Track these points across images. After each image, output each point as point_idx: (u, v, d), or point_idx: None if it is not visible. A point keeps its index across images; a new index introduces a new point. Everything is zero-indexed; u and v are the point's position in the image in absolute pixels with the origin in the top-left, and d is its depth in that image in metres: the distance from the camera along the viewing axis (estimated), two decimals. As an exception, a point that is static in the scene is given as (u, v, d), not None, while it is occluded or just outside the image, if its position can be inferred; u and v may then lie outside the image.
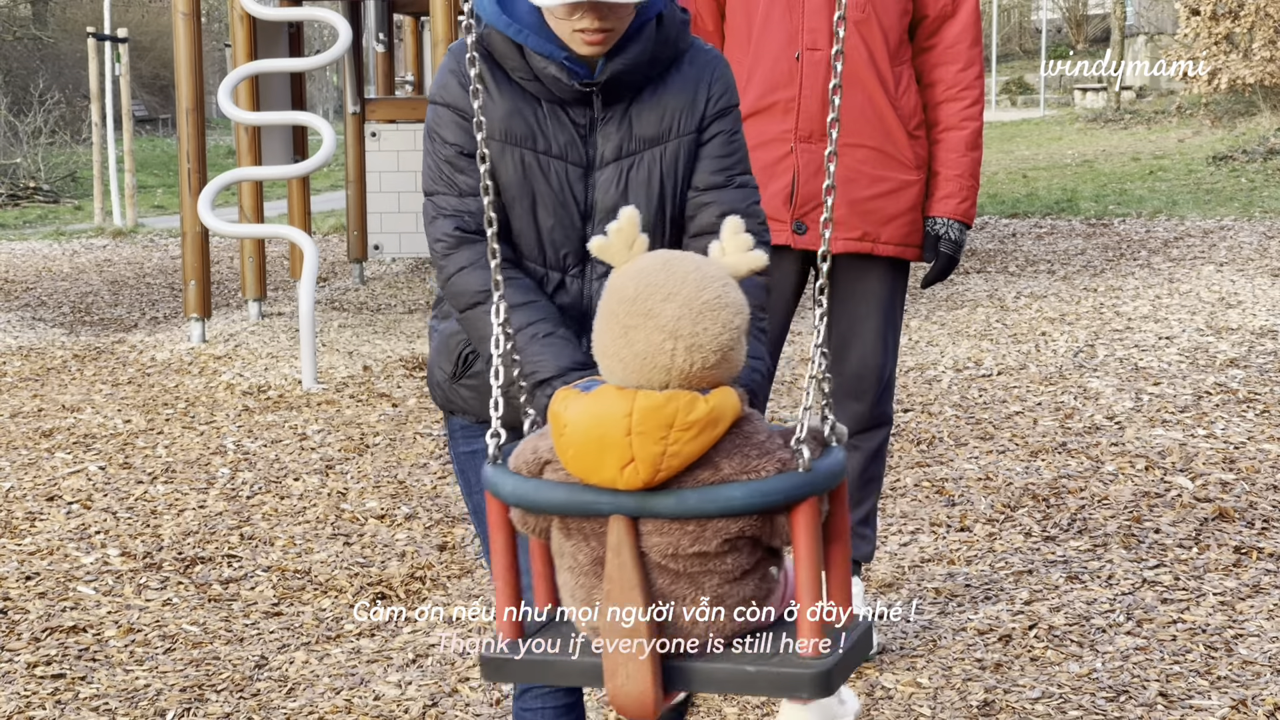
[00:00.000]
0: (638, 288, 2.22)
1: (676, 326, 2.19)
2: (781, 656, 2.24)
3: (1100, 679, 4.00)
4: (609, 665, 2.23)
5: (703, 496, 2.18)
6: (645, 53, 2.78)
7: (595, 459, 2.18)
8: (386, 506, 5.74)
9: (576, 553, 2.29)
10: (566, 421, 2.20)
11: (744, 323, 2.23)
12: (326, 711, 3.98)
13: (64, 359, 8.91)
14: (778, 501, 2.18)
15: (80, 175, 22.07)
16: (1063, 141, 24.13)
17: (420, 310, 10.56)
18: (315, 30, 27.55)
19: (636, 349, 2.20)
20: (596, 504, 2.21)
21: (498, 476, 2.31)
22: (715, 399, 2.19)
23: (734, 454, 2.19)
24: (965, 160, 4.11)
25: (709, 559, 2.22)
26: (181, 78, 9.31)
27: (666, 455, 2.16)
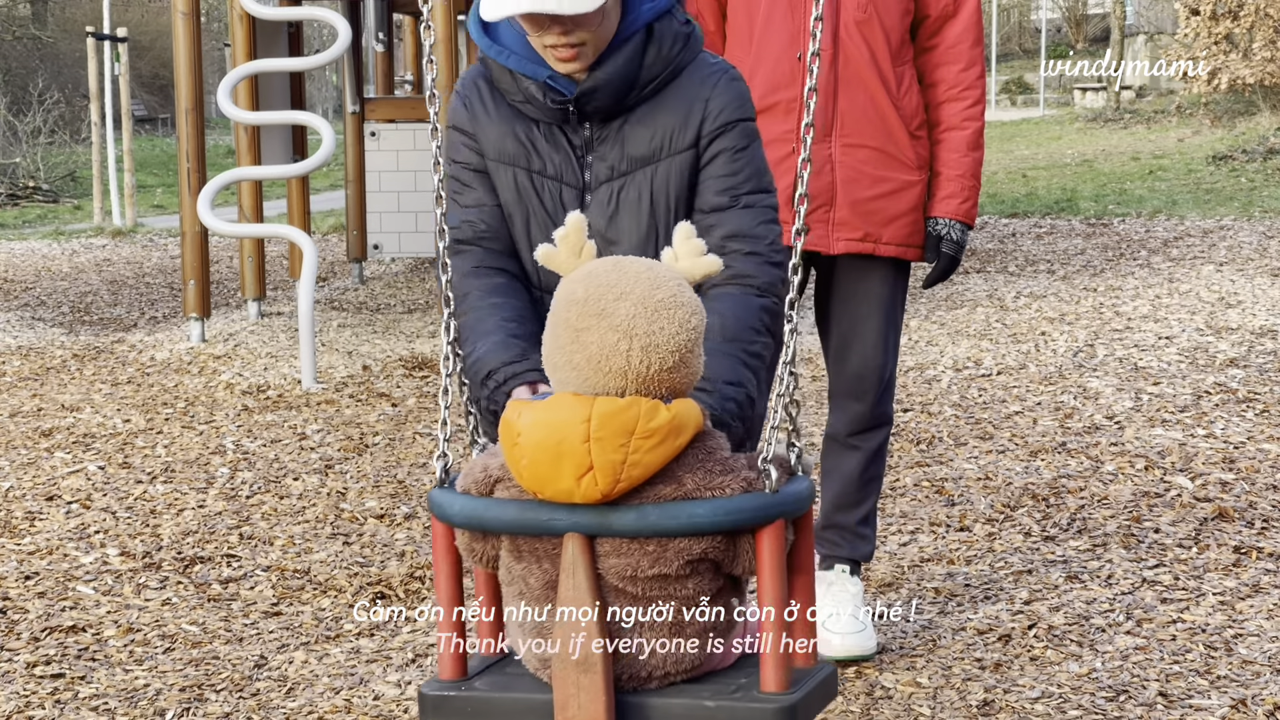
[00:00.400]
0: (588, 289, 2.13)
1: (631, 325, 2.09)
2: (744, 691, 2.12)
3: (1100, 679, 3.99)
4: (559, 696, 2.10)
5: (665, 513, 2.05)
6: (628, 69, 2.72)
7: (551, 468, 2.06)
8: (386, 506, 5.74)
9: (527, 576, 2.16)
10: (520, 430, 2.09)
11: (700, 324, 2.14)
12: (326, 711, 3.98)
13: (63, 359, 8.91)
14: (744, 521, 2.06)
15: (79, 175, 22.07)
16: (1062, 141, 24.13)
17: (420, 310, 10.56)
18: (315, 30, 27.54)
19: (590, 351, 2.10)
20: (552, 521, 2.09)
21: (444, 498, 2.20)
22: (678, 407, 2.08)
23: (697, 469, 2.08)
24: (967, 160, 4.09)
25: (669, 582, 2.10)
26: (181, 77, 9.31)
27: (627, 464, 2.04)
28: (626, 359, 2.09)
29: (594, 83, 2.70)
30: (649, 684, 2.15)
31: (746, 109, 2.83)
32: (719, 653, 2.18)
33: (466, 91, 2.92)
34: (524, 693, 2.19)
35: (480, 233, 2.84)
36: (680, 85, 2.79)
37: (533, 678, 2.21)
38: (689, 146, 2.77)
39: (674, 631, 2.13)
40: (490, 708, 2.19)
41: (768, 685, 2.09)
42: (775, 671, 2.08)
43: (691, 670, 2.16)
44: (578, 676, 2.09)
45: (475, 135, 2.87)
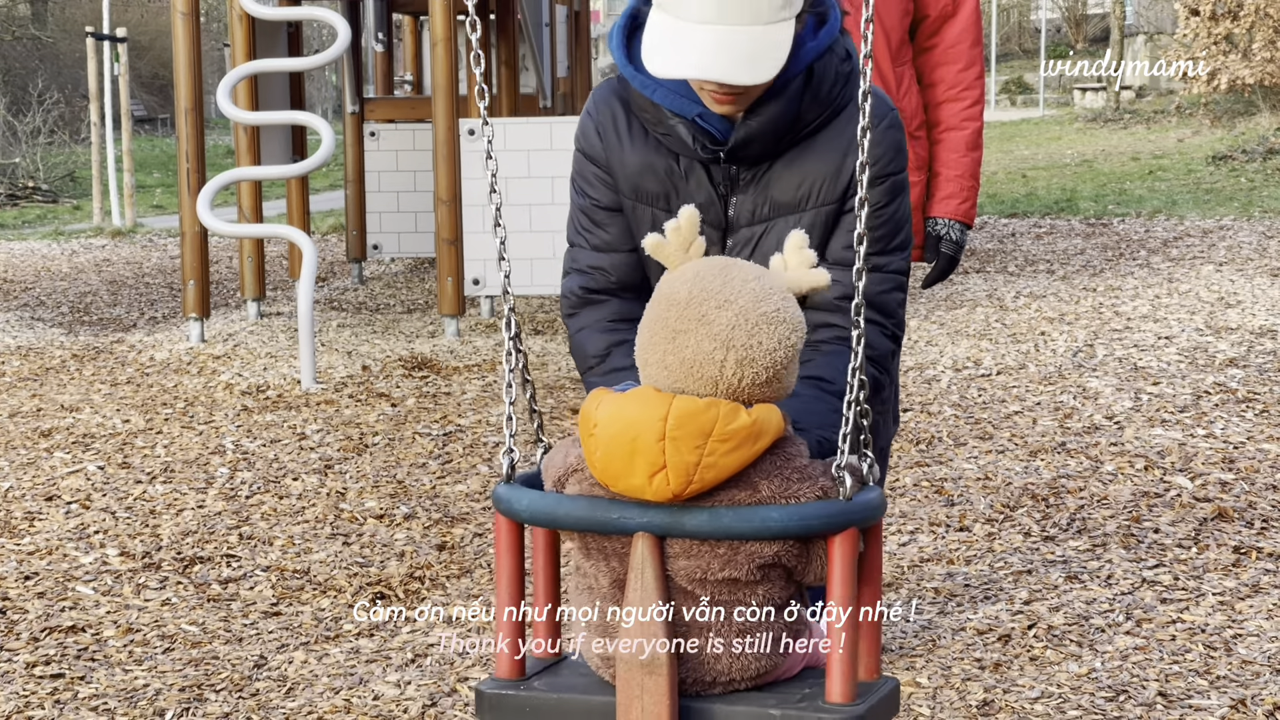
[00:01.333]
0: (692, 291, 2.08)
1: (731, 336, 2.04)
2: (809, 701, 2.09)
3: (1100, 679, 3.99)
4: (623, 698, 2.06)
5: (738, 516, 2.02)
6: (786, 114, 2.53)
7: (624, 463, 2.03)
8: (385, 506, 5.74)
9: (596, 573, 2.14)
10: (597, 421, 2.06)
11: (800, 341, 2.10)
12: (326, 711, 3.98)
13: (63, 359, 8.91)
14: (817, 528, 2.04)
15: (79, 175, 22.06)
16: (1062, 141, 24.12)
17: (420, 310, 10.56)
18: (314, 30, 27.53)
19: (685, 355, 2.06)
20: (623, 520, 2.05)
21: (511, 494, 2.16)
22: (759, 412, 2.05)
23: (773, 475, 2.06)
24: (966, 160, 4.09)
25: (739, 587, 2.08)
26: (180, 77, 9.30)
27: (701, 466, 2.01)
28: (720, 369, 2.06)
29: (748, 132, 2.52)
30: (713, 689, 2.12)
31: (898, 161, 2.64)
32: (784, 661, 2.16)
33: (600, 115, 2.68)
34: (584, 694, 2.16)
35: (613, 283, 2.68)
36: (835, 130, 2.60)
37: (592, 678, 2.19)
38: (836, 200, 2.60)
39: (741, 636, 2.11)
40: (550, 708, 2.16)
41: (834, 696, 2.06)
42: (843, 682, 2.05)
43: (756, 678, 2.14)
44: (643, 678, 2.06)
45: (610, 169, 2.66)
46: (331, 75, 32.74)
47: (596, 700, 2.14)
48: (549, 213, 9.05)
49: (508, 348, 2.26)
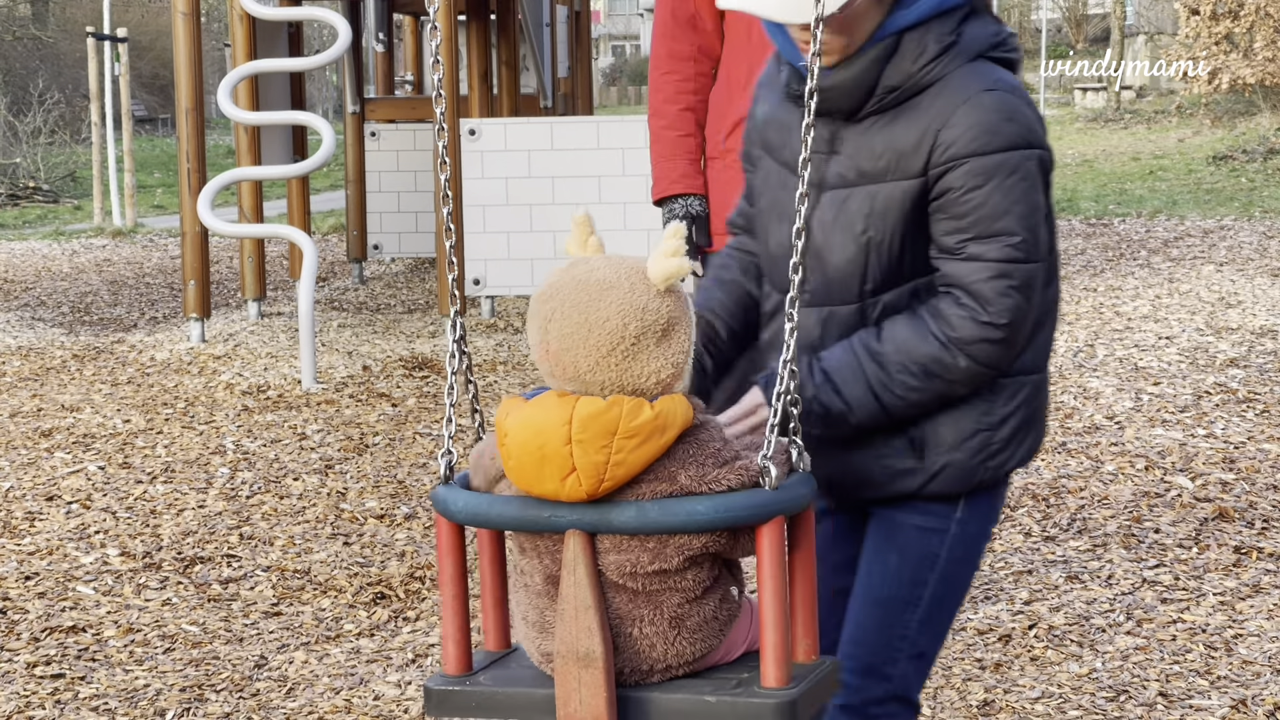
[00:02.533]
0: (542, 286, 2.17)
1: (547, 326, 2.12)
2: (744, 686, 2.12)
3: (1100, 679, 3.99)
4: (561, 692, 2.11)
5: (665, 510, 2.06)
6: (863, 76, 2.49)
7: (535, 470, 2.08)
8: (386, 506, 5.74)
9: (531, 571, 2.18)
10: (507, 431, 2.11)
11: (619, 328, 2.10)
12: (326, 711, 3.98)
13: (63, 359, 8.91)
14: (743, 519, 2.06)
15: (80, 175, 22.07)
16: (1063, 141, 24.12)
17: (420, 310, 10.56)
18: (315, 30, 27.54)
19: (531, 344, 2.16)
20: (553, 519, 2.10)
21: (448, 495, 2.21)
22: (661, 405, 2.08)
23: (689, 463, 2.08)
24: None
25: (669, 576, 2.11)
26: (181, 77, 9.31)
27: (610, 464, 2.05)
28: (546, 358, 2.13)
29: (825, 83, 2.48)
30: (650, 678, 2.16)
31: (987, 140, 2.46)
32: (720, 646, 2.19)
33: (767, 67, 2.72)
34: (528, 687, 2.20)
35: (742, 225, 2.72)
36: (925, 101, 2.50)
37: (537, 672, 2.23)
38: (916, 175, 2.49)
39: (674, 625, 2.14)
40: (494, 702, 2.20)
41: (768, 680, 2.09)
42: (776, 667, 2.09)
43: (693, 663, 2.17)
44: (579, 672, 2.10)
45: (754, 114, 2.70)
46: (332, 75, 32.75)
47: (538, 693, 2.18)
48: (549, 213, 9.06)
49: (451, 350, 2.30)
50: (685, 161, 4.09)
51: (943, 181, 2.48)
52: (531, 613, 2.19)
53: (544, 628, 2.18)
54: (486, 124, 9.35)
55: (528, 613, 2.20)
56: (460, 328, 2.30)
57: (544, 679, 2.20)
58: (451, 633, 2.23)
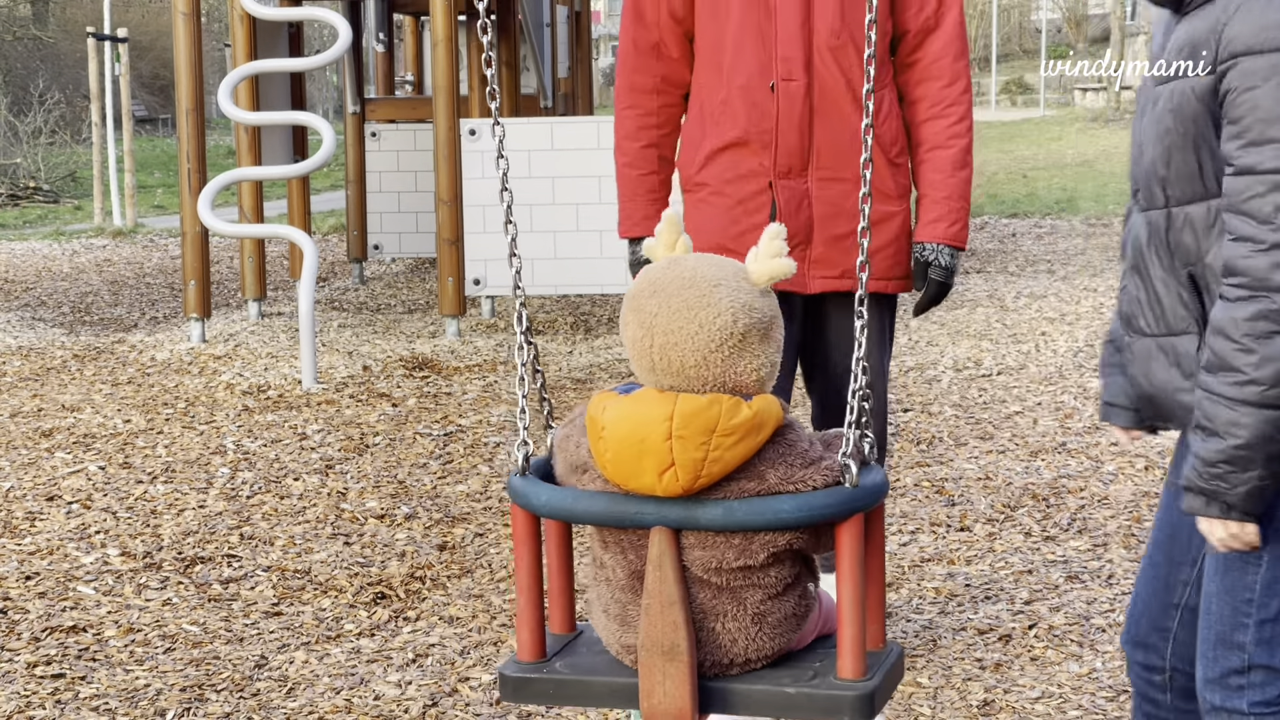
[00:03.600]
0: (637, 285, 2.19)
1: (653, 322, 2.14)
2: (821, 678, 2.17)
3: (1100, 678, 4.00)
4: (645, 684, 2.14)
5: (751, 509, 2.10)
6: None
7: (633, 464, 2.10)
8: (386, 506, 5.74)
9: (614, 565, 2.21)
10: (604, 424, 2.12)
11: (729, 324, 2.12)
12: (326, 711, 3.98)
13: (64, 359, 8.92)
14: (826, 517, 2.11)
15: (80, 175, 22.07)
16: (1063, 141, 24.12)
17: (420, 310, 10.57)
18: (315, 30, 27.54)
19: (627, 344, 2.17)
20: (640, 515, 2.13)
21: (528, 488, 2.22)
22: (758, 404, 2.11)
23: (778, 463, 2.12)
24: (953, 181, 3.80)
25: (753, 572, 2.15)
26: (181, 78, 9.31)
27: (708, 461, 2.08)
28: (649, 355, 2.14)
29: None
30: (730, 670, 2.20)
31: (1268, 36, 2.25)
32: (795, 637, 2.24)
33: None
34: (605, 675, 2.23)
35: None
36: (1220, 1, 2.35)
37: (610, 659, 2.26)
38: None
39: (756, 621, 2.18)
40: (573, 690, 2.24)
41: (845, 672, 2.15)
42: (852, 660, 2.14)
43: (772, 656, 2.21)
44: (664, 664, 2.13)
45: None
46: (332, 75, 32.75)
47: (620, 681, 2.21)
48: (549, 213, 9.06)
49: (519, 341, 2.32)
50: (646, 202, 3.89)
51: (1225, 80, 2.31)
52: (613, 606, 2.22)
53: (625, 621, 2.21)
54: (486, 124, 9.35)
55: (609, 606, 2.23)
56: (526, 319, 2.32)
57: (619, 667, 2.25)
58: (526, 620, 2.26)
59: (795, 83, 3.71)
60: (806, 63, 3.71)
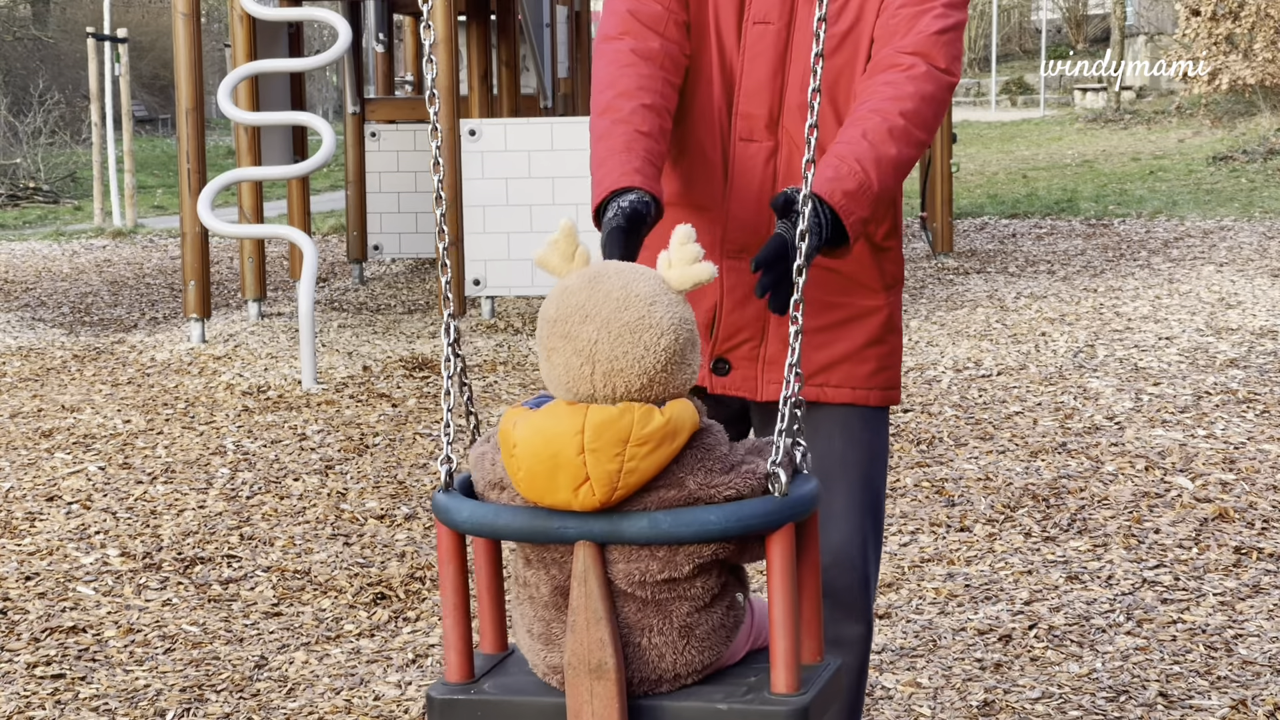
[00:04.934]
0: (559, 309, 2.11)
1: (594, 350, 2.06)
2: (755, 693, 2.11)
3: (1100, 679, 3.99)
4: (573, 704, 2.09)
5: (677, 520, 2.04)
6: None
7: (547, 480, 2.05)
8: (386, 507, 5.74)
9: (538, 583, 2.16)
10: (516, 441, 2.08)
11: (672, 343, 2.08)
12: (326, 712, 3.98)
13: (64, 359, 8.91)
14: (756, 527, 2.05)
15: (80, 175, 22.07)
16: (1063, 142, 24.13)
17: (420, 310, 10.56)
18: (315, 30, 27.54)
19: (558, 372, 2.09)
20: (563, 530, 2.07)
21: (451, 503, 2.18)
22: (671, 410, 2.06)
23: (696, 468, 2.07)
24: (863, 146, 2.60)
25: (678, 584, 2.10)
26: (181, 78, 9.31)
27: (623, 473, 2.03)
28: (591, 383, 2.08)
29: None
30: (660, 687, 2.15)
31: None
32: (727, 651, 2.19)
33: None
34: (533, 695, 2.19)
35: None
36: None
37: (540, 680, 2.21)
38: None
39: (683, 634, 2.13)
40: (500, 711, 2.18)
41: (779, 687, 2.09)
42: (786, 674, 2.08)
43: (701, 672, 2.16)
44: (591, 683, 2.09)
45: None
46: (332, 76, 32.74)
47: (547, 701, 2.16)
48: (549, 213, 9.06)
49: (446, 354, 2.28)
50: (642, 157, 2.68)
51: None
52: (537, 625, 2.17)
53: (550, 640, 2.16)
54: (487, 124, 9.35)
55: (532, 625, 2.18)
56: (455, 331, 2.28)
57: (548, 688, 2.19)
58: (453, 640, 2.21)
59: (755, 144, 2.81)
60: (773, 124, 2.80)
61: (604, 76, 2.78)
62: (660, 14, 2.83)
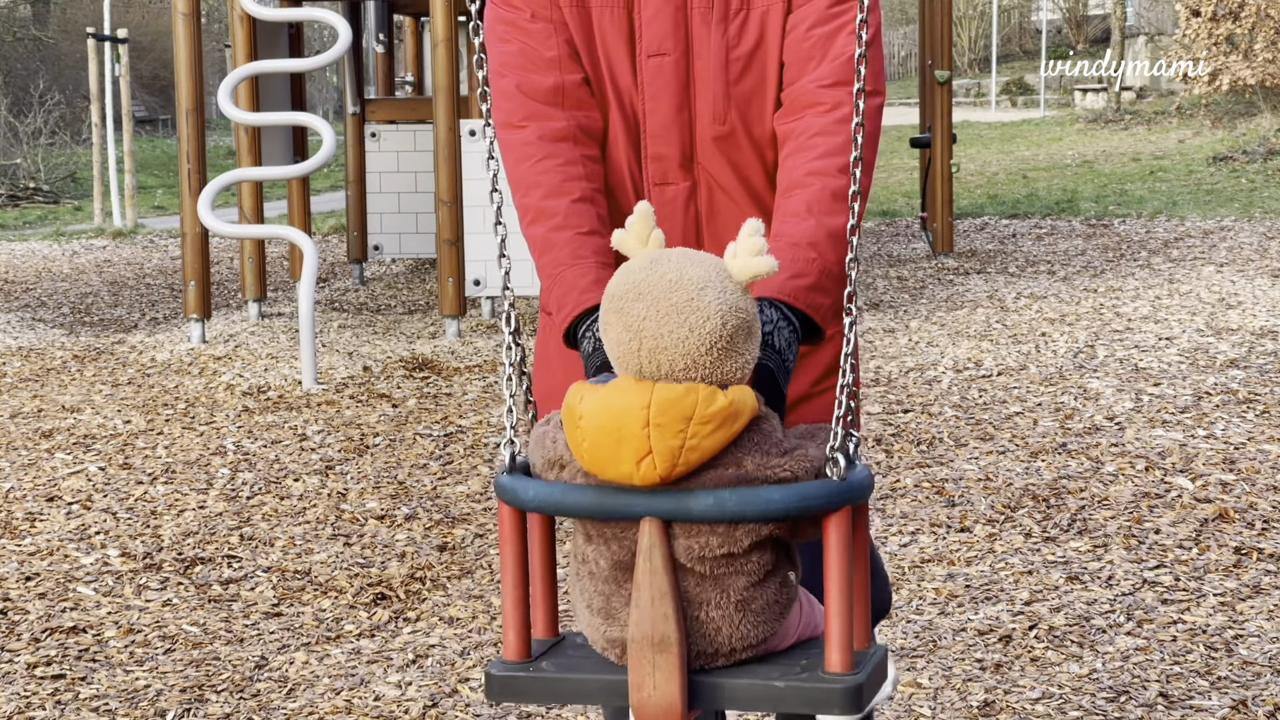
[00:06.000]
0: (617, 285, 2.17)
1: (641, 327, 2.13)
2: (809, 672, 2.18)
3: (1100, 679, 4.00)
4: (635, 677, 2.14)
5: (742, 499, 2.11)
6: None
7: (611, 452, 2.11)
8: (386, 507, 5.74)
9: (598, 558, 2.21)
10: (582, 414, 2.13)
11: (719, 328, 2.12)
12: (326, 712, 3.98)
13: (64, 359, 8.91)
14: (817, 507, 2.12)
15: (80, 176, 22.07)
16: (1063, 142, 24.13)
17: (420, 311, 10.57)
18: (315, 30, 27.54)
19: (612, 347, 2.17)
20: (630, 506, 2.13)
21: (516, 484, 2.22)
22: (734, 394, 2.13)
23: (754, 450, 2.14)
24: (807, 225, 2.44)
25: (735, 559, 2.16)
26: (181, 78, 9.31)
27: (685, 449, 2.10)
28: (638, 358, 2.14)
29: None
30: (716, 661, 2.20)
31: None
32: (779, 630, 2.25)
33: None
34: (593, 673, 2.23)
35: None
36: None
37: (597, 658, 2.26)
38: None
39: (740, 608, 2.19)
40: (560, 688, 2.24)
41: (833, 666, 2.15)
42: (841, 653, 2.14)
43: (757, 646, 2.22)
44: (654, 656, 2.13)
45: None
46: (332, 76, 32.75)
47: (607, 678, 2.21)
48: (550, 213, 9.04)
49: (507, 342, 2.33)
50: (595, 265, 2.51)
51: None
52: (597, 600, 2.22)
53: (610, 614, 2.21)
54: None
55: (592, 600, 2.23)
56: (515, 320, 2.33)
57: (606, 665, 2.25)
58: (513, 620, 2.25)
59: (671, 187, 2.62)
60: (685, 159, 2.61)
61: (522, 178, 2.55)
62: (553, 86, 2.56)
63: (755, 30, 2.55)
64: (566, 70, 2.56)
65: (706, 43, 2.54)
